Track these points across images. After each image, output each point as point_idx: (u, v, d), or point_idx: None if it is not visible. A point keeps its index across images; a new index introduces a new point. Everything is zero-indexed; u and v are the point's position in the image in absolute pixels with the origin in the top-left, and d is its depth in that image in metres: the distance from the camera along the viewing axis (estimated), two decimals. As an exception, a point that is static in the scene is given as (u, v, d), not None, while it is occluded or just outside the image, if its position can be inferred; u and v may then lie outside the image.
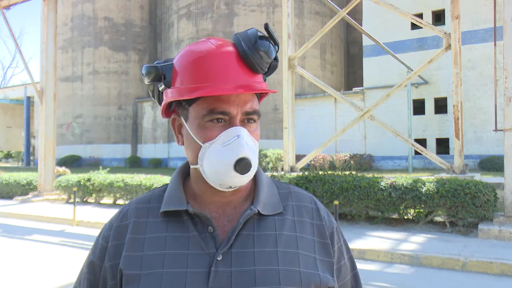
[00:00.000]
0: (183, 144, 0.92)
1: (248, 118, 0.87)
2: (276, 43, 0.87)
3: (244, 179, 0.86)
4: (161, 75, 0.89)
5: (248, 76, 0.86)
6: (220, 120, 0.85)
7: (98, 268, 0.91)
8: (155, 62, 0.91)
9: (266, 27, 0.87)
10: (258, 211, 0.89)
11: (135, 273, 0.85)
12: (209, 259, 0.84)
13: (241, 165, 0.83)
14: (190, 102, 0.88)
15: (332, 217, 0.99)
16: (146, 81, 0.91)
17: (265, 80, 0.92)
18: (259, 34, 0.86)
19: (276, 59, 0.89)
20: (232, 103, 0.85)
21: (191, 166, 0.92)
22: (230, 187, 0.87)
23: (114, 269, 0.88)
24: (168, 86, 0.89)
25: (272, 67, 0.90)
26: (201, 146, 0.86)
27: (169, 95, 0.89)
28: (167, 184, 0.97)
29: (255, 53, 0.84)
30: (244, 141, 0.84)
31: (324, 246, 0.92)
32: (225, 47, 0.87)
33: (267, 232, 0.88)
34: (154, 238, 0.88)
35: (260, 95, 0.94)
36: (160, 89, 0.91)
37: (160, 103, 0.94)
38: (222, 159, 0.83)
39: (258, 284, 0.82)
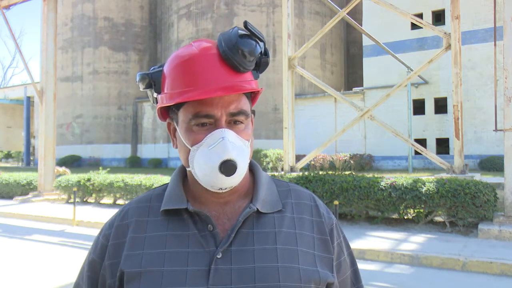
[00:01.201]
0: (177, 147, 0.93)
1: (234, 120, 0.87)
2: (261, 40, 0.87)
3: (232, 181, 0.86)
4: (151, 82, 0.91)
5: (232, 76, 0.85)
6: (206, 124, 0.86)
7: (98, 266, 0.92)
8: (151, 68, 0.93)
9: (245, 24, 0.86)
10: (257, 209, 0.90)
11: (136, 271, 0.86)
12: (209, 257, 0.85)
13: (226, 167, 0.83)
14: (178, 106, 0.89)
15: (331, 214, 0.99)
16: (141, 88, 0.93)
17: (257, 77, 0.91)
18: (241, 32, 0.85)
19: (266, 54, 0.89)
20: (216, 106, 0.85)
21: (187, 169, 0.93)
22: (221, 188, 0.87)
23: (113, 268, 0.89)
24: (158, 92, 0.91)
25: (263, 63, 0.90)
26: (190, 149, 0.87)
27: (159, 101, 0.91)
28: (167, 183, 0.98)
29: (235, 52, 0.83)
30: (229, 143, 0.84)
31: (324, 242, 0.92)
32: (208, 49, 0.86)
33: (266, 229, 0.89)
34: (155, 236, 0.89)
35: (254, 93, 0.94)
36: (153, 95, 0.93)
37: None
38: (208, 162, 0.84)
39: (258, 281, 0.83)
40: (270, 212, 0.91)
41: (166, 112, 0.95)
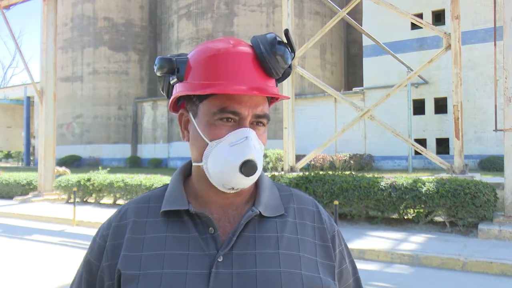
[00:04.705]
0: (188, 140, 0.91)
1: (257, 121, 0.87)
2: (293, 50, 0.87)
3: (248, 182, 0.85)
4: (175, 68, 0.88)
5: (262, 79, 0.85)
6: (230, 120, 0.84)
7: (96, 268, 0.90)
8: (169, 55, 0.89)
9: (286, 33, 0.87)
10: (260, 212, 0.88)
11: (133, 273, 0.83)
12: (210, 260, 0.83)
13: (247, 167, 0.82)
14: (201, 98, 0.86)
15: (333, 221, 0.98)
16: (159, 73, 0.89)
17: (276, 86, 0.91)
18: (278, 39, 0.86)
19: (290, 66, 0.89)
20: (244, 104, 0.84)
21: (194, 164, 0.91)
22: (233, 188, 0.86)
23: (111, 269, 0.87)
24: (180, 80, 0.87)
25: (286, 73, 0.90)
26: (207, 144, 0.85)
27: (180, 89, 0.88)
28: (167, 184, 0.96)
29: (272, 56, 0.84)
30: (252, 144, 0.83)
31: (326, 249, 0.91)
32: (243, 47, 0.86)
33: (268, 234, 0.87)
34: (154, 238, 0.87)
35: (270, 101, 0.92)
36: (171, 82, 0.89)
37: (169, 96, 0.92)
38: (228, 159, 0.82)
39: (259, 286, 0.81)
40: (272, 216, 0.90)
41: (177, 103, 0.93)
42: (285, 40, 0.88)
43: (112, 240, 0.89)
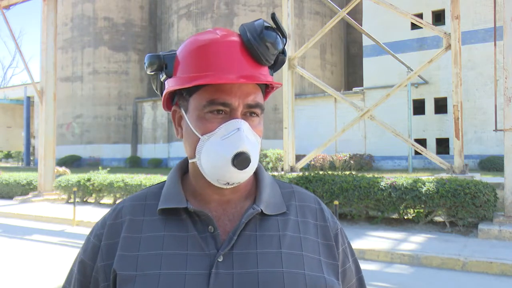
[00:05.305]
0: (182, 137, 0.88)
1: (250, 112, 0.83)
2: (284, 35, 0.84)
3: (243, 175, 0.82)
4: (163, 64, 0.86)
5: (252, 67, 0.82)
6: (221, 112, 0.81)
7: (89, 269, 0.86)
8: (160, 53, 0.88)
9: (273, 17, 0.84)
10: (261, 210, 0.85)
11: (130, 273, 0.80)
12: (210, 260, 0.80)
13: (240, 160, 0.78)
14: (190, 92, 0.84)
15: (335, 219, 0.95)
16: (149, 71, 0.87)
17: (271, 75, 0.88)
18: (266, 24, 0.82)
19: (284, 53, 0.86)
20: (234, 94, 0.81)
21: (190, 161, 0.88)
22: (228, 183, 0.82)
23: (107, 270, 0.83)
24: (169, 75, 0.86)
25: (280, 61, 0.87)
26: (199, 138, 0.82)
27: (170, 85, 0.85)
28: (164, 181, 0.93)
29: (260, 43, 0.81)
30: (244, 135, 0.80)
31: (329, 248, 0.88)
32: (230, 36, 0.83)
33: (270, 232, 0.84)
34: (151, 237, 0.83)
35: (266, 91, 0.90)
36: (161, 79, 0.87)
37: (162, 94, 0.90)
38: (220, 153, 0.79)
39: (261, 286, 0.78)
40: (274, 214, 0.87)
41: (171, 100, 0.91)
42: (274, 25, 0.84)
43: (107, 239, 0.86)
